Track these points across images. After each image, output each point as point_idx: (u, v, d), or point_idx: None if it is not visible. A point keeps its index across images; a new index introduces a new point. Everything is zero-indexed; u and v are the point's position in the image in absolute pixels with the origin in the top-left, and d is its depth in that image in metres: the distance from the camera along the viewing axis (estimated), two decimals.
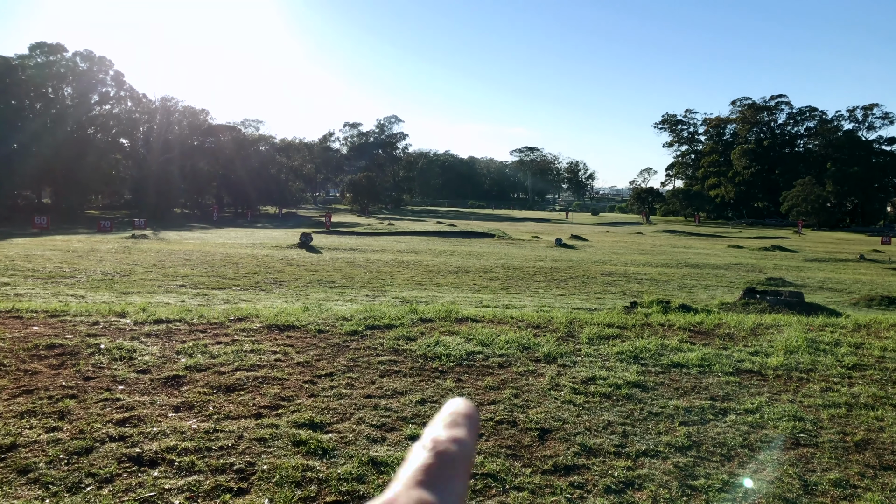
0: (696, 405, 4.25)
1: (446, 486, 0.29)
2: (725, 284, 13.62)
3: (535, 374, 4.75)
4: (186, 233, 29.04)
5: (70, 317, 5.84)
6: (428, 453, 0.30)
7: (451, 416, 0.33)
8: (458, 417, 0.33)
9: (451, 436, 0.31)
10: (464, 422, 0.32)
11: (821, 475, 3.37)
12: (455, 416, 0.33)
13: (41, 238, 21.99)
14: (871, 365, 5.23)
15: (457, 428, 0.32)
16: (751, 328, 6.40)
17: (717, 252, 25.53)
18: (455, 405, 0.34)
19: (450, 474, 0.29)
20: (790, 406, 4.29)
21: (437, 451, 0.30)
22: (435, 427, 0.32)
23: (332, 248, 20.15)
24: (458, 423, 0.32)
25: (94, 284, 10.26)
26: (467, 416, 0.33)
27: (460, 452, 0.30)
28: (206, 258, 15.06)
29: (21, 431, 3.43)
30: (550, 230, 40.20)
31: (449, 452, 0.30)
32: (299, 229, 28.77)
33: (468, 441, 0.31)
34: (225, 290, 10.14)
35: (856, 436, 3.86)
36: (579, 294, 11.36)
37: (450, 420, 0.32)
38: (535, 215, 75.15)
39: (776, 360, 5.26)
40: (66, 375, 4.30)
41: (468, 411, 0.33)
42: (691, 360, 5.15)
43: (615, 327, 6.23)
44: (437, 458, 0.30)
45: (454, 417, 0.33)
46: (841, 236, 47.30)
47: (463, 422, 0.32)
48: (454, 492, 0.29)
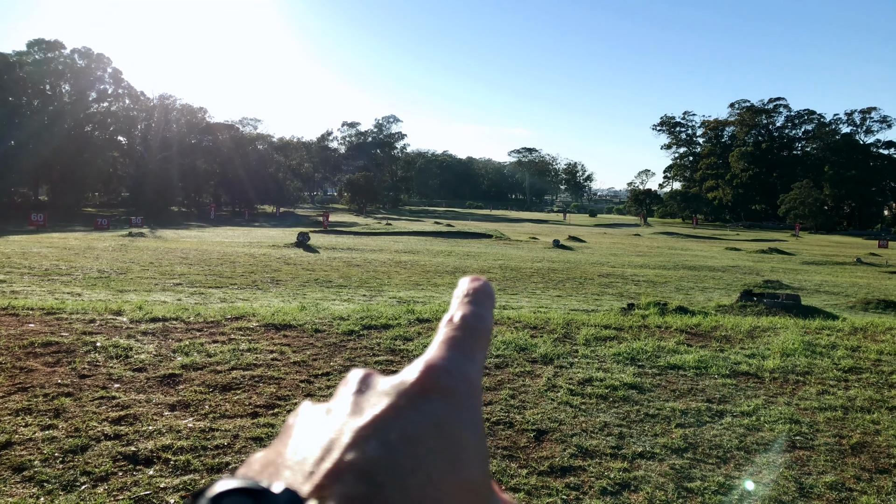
0: (692, 407, 4.26)
1: (475, 354, 0.32)
2: (722, 287, 13.65)
3: (532, 374, 4.75)
4: (183, 231, 28.98)
5: (66, 314, 5.82)
6: (456, 327, 0.33)
7: (471, 294, 0.35)
8: (477, 295, 0.35)
9: (474, 311, 0.34)
10: (483, 298, 0.35)
11: (817, 478, 3.38)
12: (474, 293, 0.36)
13: (38, 235, 21.92)
14: (868, 368, 5.24)
15: (477, 304, 0.34)
16: (747, 330, 6.41)
17: (714, 254, 25.58)
18: (471, 283, 0.37)
19: (476, 345, 0.32)
20: (786, 409, 4.29)
21: (464, 325, 0.33)
22: (456, 304, 0.35)
23: (330, 248, 20.13)
24: (478, 301, 0.35)
25: (90, 282, 10.23)
26: (485, 292, 0.35)
27: (483, 327, 0.33)
28: (203, 257, 15.03)
29: (16, 429, 3.42)
30: (548, 231, 40.24)
31: (474, 327, 0.33)
32: (297, 228, 28.74)
33: (488, 316, 0.34)
34: (222, 289, 10.12)
35: (852, 439, 3.87)
36: (576, 295, 11.37)
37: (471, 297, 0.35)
38: (532, 216, 75.25)
39: (773, 362, 5.27)
40: (61, 373, 4.28)
41: (485, 288, 0.36)
42: (688, 362, 5.16)
43: (612, 329, 6.24)
44: (463, 331, 0.32)
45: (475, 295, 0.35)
46: (838, 239, 47.44)
47: (482, 298, 0.35)
48: (481, 360, 0.32)
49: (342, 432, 0.27)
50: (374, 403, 0.29)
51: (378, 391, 0.30)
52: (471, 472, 0.27)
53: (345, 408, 0.29)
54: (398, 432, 0.27)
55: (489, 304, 0.35)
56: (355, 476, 0.25)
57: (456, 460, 0.27)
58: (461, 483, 0.26)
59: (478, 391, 0.31)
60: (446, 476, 0.26)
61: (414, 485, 0.25)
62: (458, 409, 0.29)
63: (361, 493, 0.24)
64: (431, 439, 0.27)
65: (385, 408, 0.28)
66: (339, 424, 0.28)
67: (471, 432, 0.28)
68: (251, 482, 0.23)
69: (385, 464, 0.25)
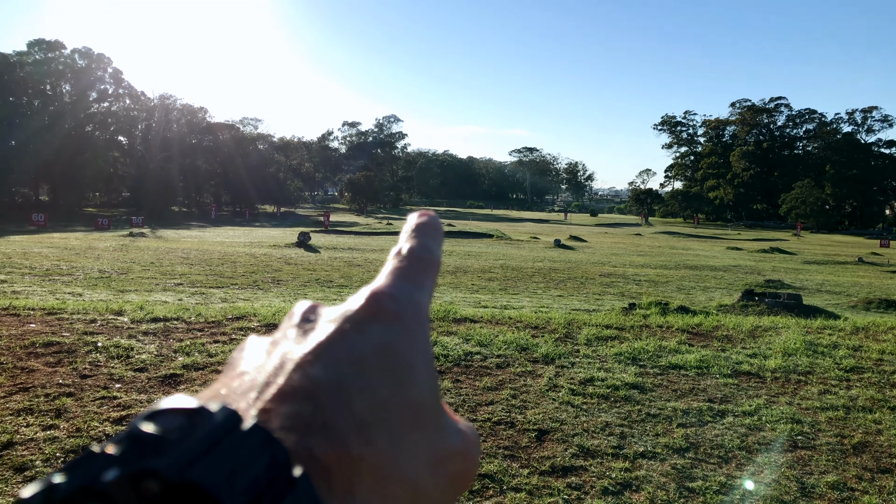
0: (694, 407, 4.25)
1: (423, 283, 0.32)
2: (724, 286, 13.63)
3: (534, 374, 4.75)
4: (184, 231, 28.99)
5: (67, 314, 5.83)
6: (403, 258, 0.33)
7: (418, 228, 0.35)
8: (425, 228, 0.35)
9: (421, 243, 0.34)
10: (430, 231, 0.35)
11: (818, 478, 3.37)
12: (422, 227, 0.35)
13: (38, 235, 21.93)
14: (869, 368, 5.24)
15: (424, 237, 0.34)
16: (749, 330, 6.40)
17: (715, 254, 25.55)
18: (419, 218, 0.37)
19: (424, 275, 0.32)
20: (788, 408, 4.29)
21: (411, 256, 0.33)
22: (404, 237, 0.34)
23: (331, 248, 20.13)
24: (426, 234, 0.35)
25: (91, 282, 10.23)
26: (433, 226, 0.35)
27: (431, 257, 0.33)
28: (204, 257, 15.03)
29: (18, 429, 3.42)
30: (549, 231, 40.22)
31: (421, 257, 0.33)
32: (297, 228, 28.75)
33: (435, 248, 0.34)
34: (223, 289, 10.12)
35: (853, 438, 3.86)
36: (578, 295, 11.36)
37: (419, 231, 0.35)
38: (533, 216, 75.20)
39: (774, 362, 5.26)
40: (62, 373, 4.28)
41: (433, 222, 0.36)
42: (689, 361, 5.16)
43: (613, 328, 6.23)
44: (410, 261, 0.32)
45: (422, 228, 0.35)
46: (839, 239, 47.35)
47: (430, 232, 0.35)
48: (429, 289, 0.32)
49: (286, 359, 0.27)
50: (319, 330, 0.28)
51: (323, 319, 0.29)
52: (418, 390, 0.27)
53: (289, 337, 0.29)
54: (344, 355, 0.26)
55: (437, 238, 0.35)
56: (300, 398, 0.24)
57: (403, 381, 0.27)
58: (408, 403, 0.26)
59: (425, 319, 0.30)
60: (393, 397, 0.26)
61: (359, 405, 0.25)
62: (405, 333, 0.28)
63: (305, 413, 0.24)
64: (377, 361, 0.27)
65: (330, 333, 0.28)
66: (283, 352, 0.28)
67: (418, 356, 0.28)
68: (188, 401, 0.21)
69: (330, 385, 0.25)
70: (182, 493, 0.18)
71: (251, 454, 0.20)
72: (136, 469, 0.18)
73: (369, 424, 0.24)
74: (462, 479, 0.29)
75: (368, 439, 0.24)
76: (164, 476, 0.18)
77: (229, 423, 0.21)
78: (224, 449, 0.20)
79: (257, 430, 0.21)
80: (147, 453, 0.19)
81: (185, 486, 0.18)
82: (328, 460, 0.23)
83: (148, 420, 0.20)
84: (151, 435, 0.19)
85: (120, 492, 0.18)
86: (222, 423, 0.21)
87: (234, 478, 0.19)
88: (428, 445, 0.27)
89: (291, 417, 0.23)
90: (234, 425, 0.21)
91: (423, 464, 0.26)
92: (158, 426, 0.20)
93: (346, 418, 0.24)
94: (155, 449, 0.19)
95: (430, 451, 0.27)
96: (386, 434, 0.25)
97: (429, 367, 0.29)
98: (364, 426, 0.24)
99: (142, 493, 0.18)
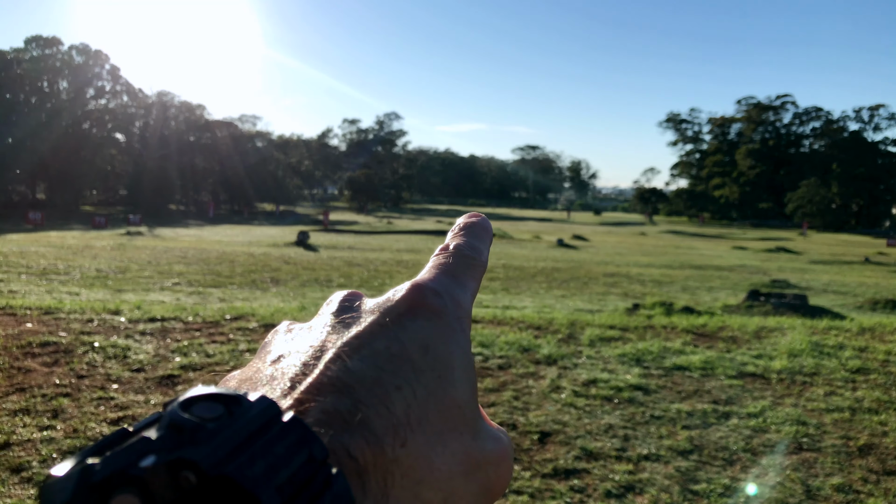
0: (698, 409, 4.22)
1: (467, 282, 0.31)
2: (729, 286, 13.59)
3: (536, 376, 4.71)
4: (182, 230, 28.91)
5: (64, 314, 5.78)
6: (448, 255, 0.31)
7: (467, 227, 0.34)
8: (474, 228, 0.34)
9: (469, 242, 0.33)
10: (479, 232, 0.34)
11: (823, 480, 3.34)
12: (471, 226, 0.34)
13: (35, 234, 21.85)
14: (876, 369, 5.21)
15: (473, 237, 0.33)
16: (754, 331, 6.37)
17: (720, 253, 25.51)
18: (468, 218, 0.35)
19: (469, 274, 0.31)
20: (793, 410, 4.26)
21: (457, 254, 0.32)
22: (451, 235, 0.34)
23: (330, 247, 20.08)
24: (474, 234, 0.34)
25: (88, 281, 10.18)
26: (483, 227, 0.35)
27: (477, 258, 0.32)
28: (202, 256, 14.98)
29: (14, 430, 3.38)
30: (552, 230, 40.17)
31: (467, 256, 0.32)
32: (297, 227, 28.69)
33: (483, 249, 0.33)
34: (221, 289, 10.07)
35: (859, 440, 3.83)
36: (581, 295, 11.32)
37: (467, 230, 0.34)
38: (536, 214, 75.19)
39: (780, 363, 5.23)
40: (59, 373, 4.24)
41: (483, 223, 0.35)
42: (694, 363, 5.12)
43: (617, 329, 6.20)
44: (456, 258, 0.31)
45: (471, 228, 0.34)
46: (846, 238, 47.27)
47: (479, 232, 0.34)
48: (472, 289, 0.31)
49: (324, 348, 0.26)
50: (358, 321, 0.27)
51: (363, 310, 0.28)
52: (457, 392, 0.26)
53: (327, 325, 0.28)
54: (383, 349, 0.25)
55: (485, 239, 0.34)
56: (337, 391, 0.23)
57: (442, 381, 0.26)
58: (446, 404, 0.25)
59: (467, 318, 0.29)
60: (431, 396, 0.25)
61: (397, 402, 0.24)
62: (445, 331, 0.27)
63: (343, 408, 0.23)
64: (416, 358, 0.26)
65: (369, 324, 0.27)
66: (320, 341, 0.26)
67: (459, 354, 0.27)
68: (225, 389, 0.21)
69: (368, 380, 0.24)
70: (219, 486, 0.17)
71: (289, 449, 0.19)
72: (174, 457, 0.17)
73: (406, 425, 0.23)
74: (496, 487, 0.27)
75: (405, 441, 0.23)
76: (201, 467, 0.17)
77: (268, 415, 0.20)
78: (263, 442, 0.19)
79: (296, 424, 0.20)
80: (185, 442, 0.18)
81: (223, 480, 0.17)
82: (364, 460, 0.22)
83: (185, 405, 0.19)
84: (190, 421, 0.19)
85: (156, 479, 0.17)
86: (261, 413, 0.20)
87: (271, 473, 0.18)
88: (464, 450, 0.26)
89: (328, 412, 0.22)
90: (272, 417, 0.20)
91: (457, 469, 0.25)
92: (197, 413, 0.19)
93: (384, 417, 0.23)
94: (193, 438, 0.18)
95: (465, 456, 0.26)
96: (422, 436, 0.24)
97: (468, 368, 0.27)
98: (400, 426, 0.23)
99: (178, 483, 0.17)
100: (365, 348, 0.25)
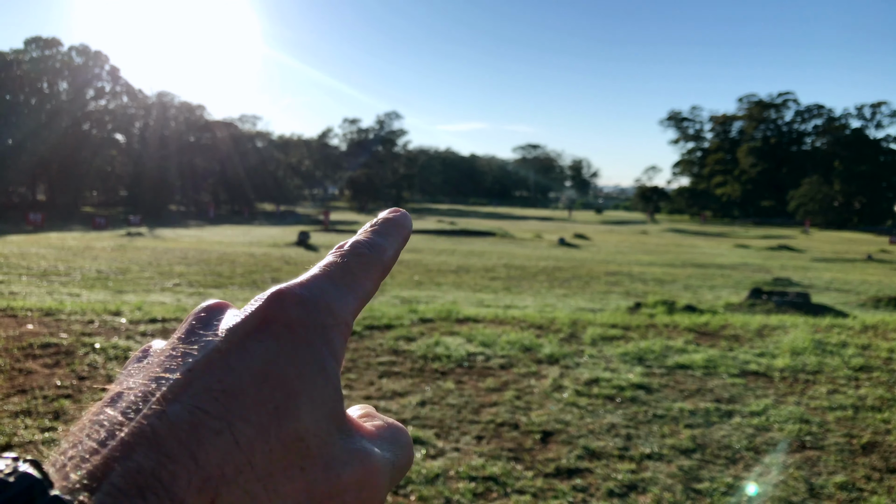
0: (700, 407, 4.21)
1: (354, 284, 0.28)
2: (731, 285, 13.57)
3: (538, 375, 4.70)
4: (182, 230, 28.92)
5: (65, 315, 5.77)
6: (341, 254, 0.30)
7: (378, 223, 0.32)
8: (384, 224, 0.32)
9: (371, 239, 0.31)
10: (388, 228, 0.32)
11: (826, 478, 3.33)
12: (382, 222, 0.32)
13: (35, 235, 21.85)
14: (879, 367, 5.19)
15: (378, 233, 0.32)
16: (757, 329, 6.35)
17: (722, 252, 25.49)
18: (385, 213, 0.34)
19: (360, 275, 0.29)
20: (796, 408, 4.25)
21: (352, 252, 0.30)
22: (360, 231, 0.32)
23: (331, 247, 19.98)
24: (382, 230, 0.32)
25: (89, 283, 10.18)
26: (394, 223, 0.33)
27: (375, 256, 0.30)
28: (203, 256, 14.97)
29: (16, 431, 3.37)
30: (553, 229, 40.15)
31: (363, 254, 0.30)
32: (297, 227, 28.69)
33: (387, 246, 0.31)
34: (221, 289, 10.07)
35: (862, 438, 3.82)
36: (582, 294, 11.31)
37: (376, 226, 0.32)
38: (537, 213, 75.16)
39: (782, 361, 5.22)
40: (60, 375, 4.23)
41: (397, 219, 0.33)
42: (696, 361, 5.11)
43: (619, 328, 6.19)
44: (349, 258, 0.29)
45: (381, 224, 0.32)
46: (848, 236, 47.20)
47: (388, 228, 0.32)
48: (361, 292, 0.29)
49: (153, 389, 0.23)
50: (201, 347, 0.25)
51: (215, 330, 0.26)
52: (299, 423, 0.23)
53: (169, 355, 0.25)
54: (213, 385, 0.23)
55: (394, 235, 0.32)
56: (147, 446, 0.21)
57: (280, 412, 0.23)
58: (283, 438, 0.23)
59: (341, 325, 0.26)
60: (262, 434, 0.22)
61: (212, 451, 0.21)
62: (298, 348, 0.25)
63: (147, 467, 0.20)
64: (252, 390, 0.23)
65: (207, 354, 0.24)
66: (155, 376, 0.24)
67: (309, 376, 0.24)
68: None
69: (184, 428, 0.21)
70: None
71: None
72: None
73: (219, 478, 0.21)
74: None
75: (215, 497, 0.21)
76: None
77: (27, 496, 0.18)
78: None
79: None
80: None
81: None
82: None
83: None
84: None
85: None
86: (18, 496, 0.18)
87: None
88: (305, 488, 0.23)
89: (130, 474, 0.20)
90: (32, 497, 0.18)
91: None
92: None
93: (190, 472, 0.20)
94: None
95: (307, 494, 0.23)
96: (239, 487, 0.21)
97: (323, 387, 0.25)
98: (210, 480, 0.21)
99: None
100: (193, 386, 0.23)
